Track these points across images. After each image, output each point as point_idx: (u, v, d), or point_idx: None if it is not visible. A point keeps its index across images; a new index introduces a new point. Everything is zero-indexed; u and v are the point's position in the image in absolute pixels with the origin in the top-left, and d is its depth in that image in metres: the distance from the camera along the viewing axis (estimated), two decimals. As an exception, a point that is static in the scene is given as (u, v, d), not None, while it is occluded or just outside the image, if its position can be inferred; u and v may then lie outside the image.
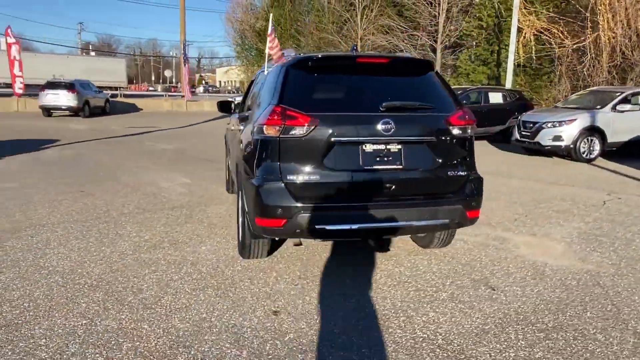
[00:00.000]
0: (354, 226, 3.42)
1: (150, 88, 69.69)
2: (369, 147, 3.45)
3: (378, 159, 3.47)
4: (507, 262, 4.24)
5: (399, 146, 3.51)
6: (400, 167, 3.51)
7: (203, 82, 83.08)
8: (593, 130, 10.13)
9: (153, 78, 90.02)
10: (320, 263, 4.09)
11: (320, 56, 3.68)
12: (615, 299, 3.51)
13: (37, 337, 2.82)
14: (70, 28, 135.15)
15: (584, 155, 10.14)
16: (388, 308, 3.31)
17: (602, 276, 3.94)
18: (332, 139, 3.38)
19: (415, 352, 2.76)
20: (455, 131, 3.63)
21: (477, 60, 18.63)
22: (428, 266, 4.09)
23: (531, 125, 10.70)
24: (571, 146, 10.09)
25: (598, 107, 10.49)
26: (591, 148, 10.22)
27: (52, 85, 21.01)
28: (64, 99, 20.72)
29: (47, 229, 4.92)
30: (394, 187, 3.49)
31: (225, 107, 5.95)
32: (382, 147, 3.47)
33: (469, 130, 3.71)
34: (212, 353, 2.70)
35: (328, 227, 3.38)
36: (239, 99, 7.62)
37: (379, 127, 3.41)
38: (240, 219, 4.02)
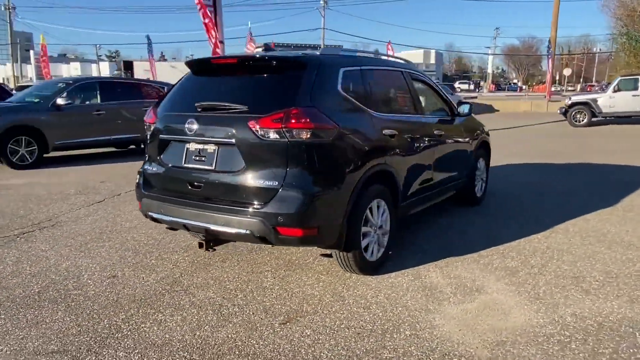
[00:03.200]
0: (167, 218, 3.64)
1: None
2: (192, 146, 3.55)
3: (197, 158, 3.52)
4: (386, 305, 3.25)
5: (214, 147, 3.44)
6: (212, 168, 3.44)
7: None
8: None
9: (557, 77, 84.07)
10: (225, 257, 4.28)
11: (194, 59, 3.91)
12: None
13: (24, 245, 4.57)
14: (481, 36, 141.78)
15: None
16: (159, 300, 3.42)
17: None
18: (160, 136, 3.72)
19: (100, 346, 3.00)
20: (264, 135, 3.20)
21: None
22: (293, 283, 3.65)
23: None
24: None
25: None
26: None
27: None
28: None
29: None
30: (203, 186, 3.47)
31: None
32: (201, 146, 3.50)
33: (292, 135, 3.16)
34: (24, 282, 3.75)
35: (154, 215, 3.74)
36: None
37: (186, 126, 3.48)
38: None
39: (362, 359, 2.68)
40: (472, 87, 71.21)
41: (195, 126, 3.46)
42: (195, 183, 3.52)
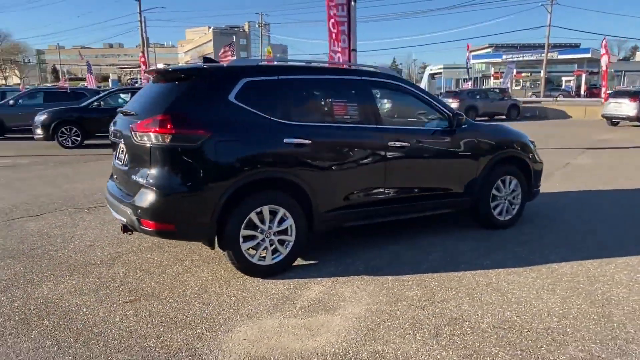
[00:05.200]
0: (108, 205, 4.39)
1: None
2: (121, 145, 4.22)
3: (120, 155, 4.18)
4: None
5: (125, 147, 4.04)
6: (122, 164, 4.06)
7: None
8: None
9: None
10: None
11: (150, 69, 4.53)
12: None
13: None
14: None
15: None
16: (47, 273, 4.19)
17: (174, 366, 2.71)
18: (110, 137, 4.48)
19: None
20: (138, 138, 3.66)
21: None
22: (189, 274, 4.01)
23: None
24: None
25: None
26: None
27: (617, 94, 20.37)
28: (625, 107, 19.63)
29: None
30: (118, 179, 4.14)
31: None
32: (123, 146, 4.14)
33: (155, 139, 3.56)
34: (37, 240, 4.97)
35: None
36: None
37: (111, 128, 4.17)
38: None
39: (123, 339, 2.97)
40: None
41: (112, 128, 4.16)
42: (118, 176, 4.21)
